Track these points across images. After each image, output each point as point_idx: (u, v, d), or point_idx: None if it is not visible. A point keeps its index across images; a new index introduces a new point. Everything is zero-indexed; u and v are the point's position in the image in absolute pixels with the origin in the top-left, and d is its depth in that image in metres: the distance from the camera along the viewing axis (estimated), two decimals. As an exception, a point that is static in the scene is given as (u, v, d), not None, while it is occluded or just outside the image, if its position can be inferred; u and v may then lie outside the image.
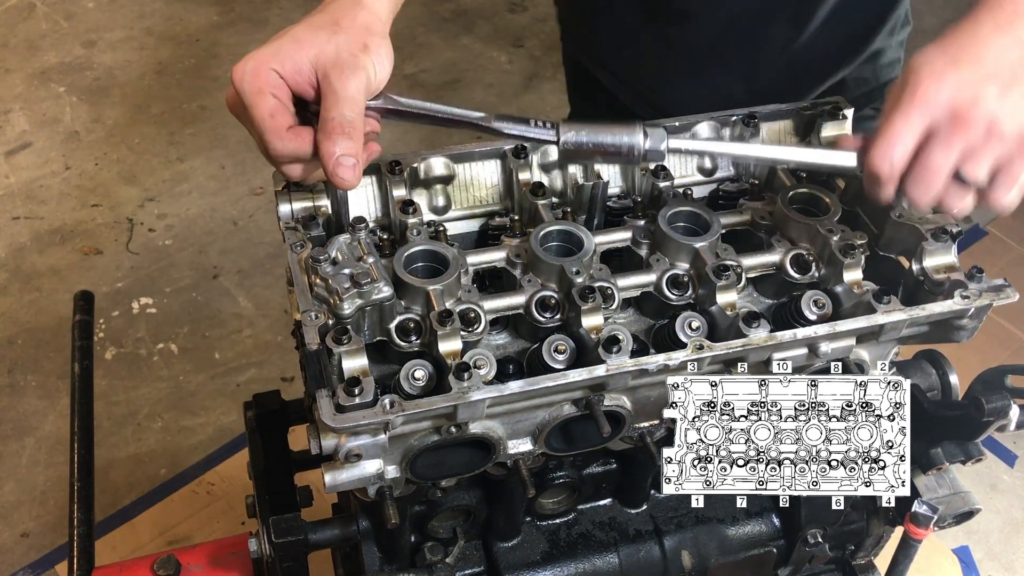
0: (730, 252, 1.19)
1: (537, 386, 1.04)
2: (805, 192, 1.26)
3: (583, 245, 1.18)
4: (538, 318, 1.14)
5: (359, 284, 1.07)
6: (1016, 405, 1.17)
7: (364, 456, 1.05)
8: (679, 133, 1.35)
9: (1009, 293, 1.12)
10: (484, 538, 1.36)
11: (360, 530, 1.27)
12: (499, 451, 1.15)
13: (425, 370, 1.08)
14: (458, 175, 1.30)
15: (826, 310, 1.16)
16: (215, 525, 2.67)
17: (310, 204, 1.22)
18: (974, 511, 1.29)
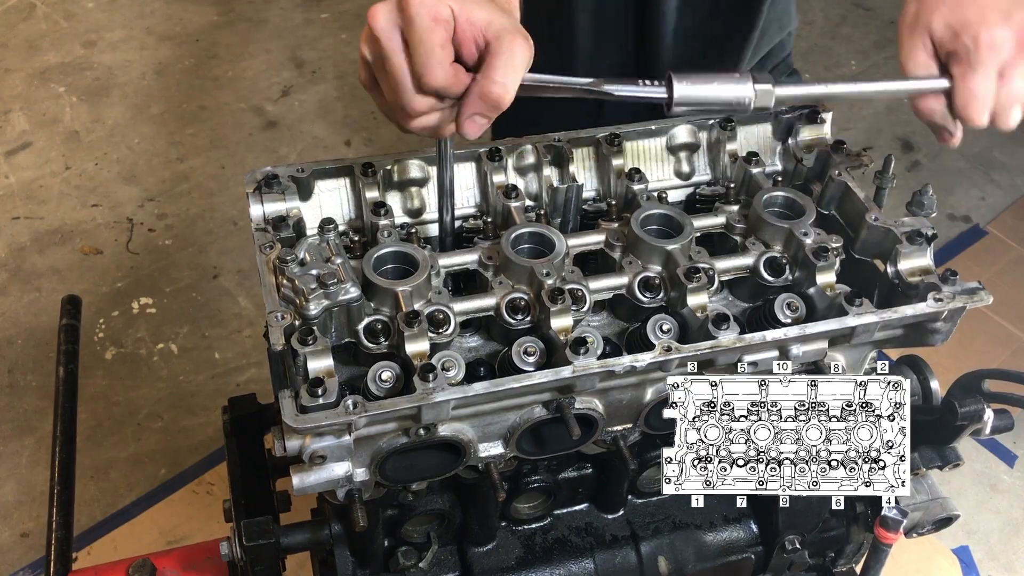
0: (703, 255, 1.18)
1: (502, 387, 1.03)
2: (781, 195, 1.25)
3: (554, 247, 1.17)
4: (508, 320, 1.14)
5: (325, 285, 1.06)
6: (990, 409, 1.15)
7: (329, 458, 1.04)
8: (656, 136, 1.35)
9: (983, 296, 1.11)
10: (459, 543, 1.36)
11: (332, 534, 1.27)
12: (469, 454, 1.14)
13: (392, 371, 1.08)
14: (432, 177, 1.29)
15: (799, 313, 1.15)
16: (215, 525, 2.67)
17: (282, 206, 1.22)
18: (952, 517, 1.27)
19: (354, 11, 4.45)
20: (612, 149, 1.30)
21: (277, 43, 4.34)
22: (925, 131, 1.25)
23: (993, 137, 4.09)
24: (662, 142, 1.35)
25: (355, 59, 1.09)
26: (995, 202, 3.76)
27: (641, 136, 1.34)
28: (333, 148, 3.79)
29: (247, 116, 3.88)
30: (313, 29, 4.42)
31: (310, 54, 4.27)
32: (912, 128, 4.02)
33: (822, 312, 1.15)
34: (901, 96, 1.22)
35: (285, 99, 4.03)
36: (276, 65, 4.22)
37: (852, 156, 1.29)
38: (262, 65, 4.21)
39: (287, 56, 4.27)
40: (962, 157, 3.96)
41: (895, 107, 4.13)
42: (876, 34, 4.48)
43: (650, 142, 1.35)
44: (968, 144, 3.99)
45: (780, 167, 1.37)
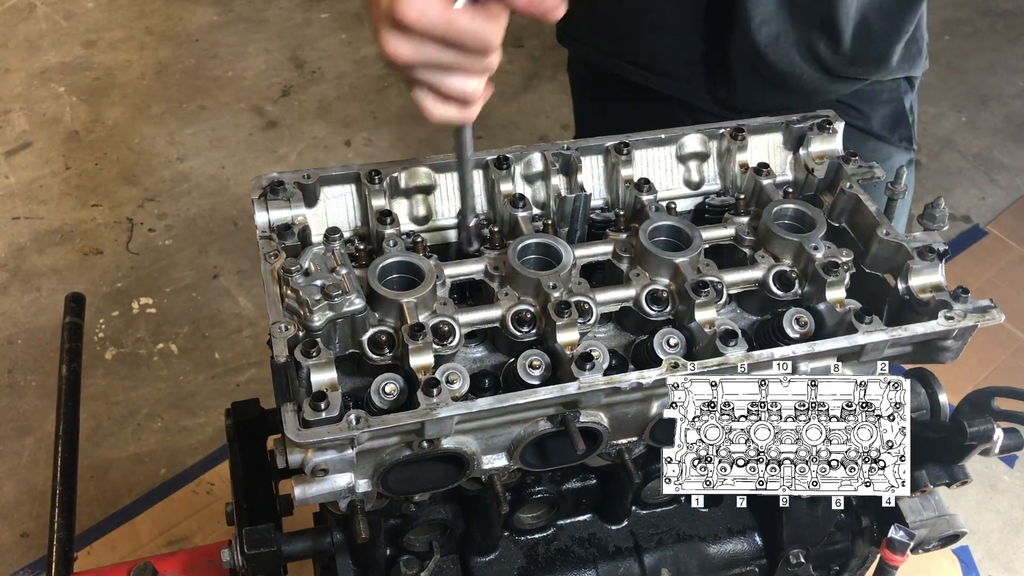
0: (712, 268, 1.17)
1: (506, 403, 1.02)
2: (791, 208, 1.24)
3: (561, 258, 1.16)
4: (514, 332, 1.12)
5: (330, 296, 1.05)
6: (1000, 428, 1.14)
7: (331, 471, 1.03)
8: (666, 144, 1.34)
9: (995, 315, 1.10)
10: (461, 552, 1.35)
11: (334, 543, 1.26)
12: (473, 466, 1.13)
13: (396, 384, 1.07)
14: (440, 185, 1.28)
15: (808, 328, 1.14)
16: (215, 525, 2.67)
17: (287, 213, 1.21)
18: (959, 534, 1.26)
19: (354, 11, 4.45)
20: (621, 158, 1.29)
21: (277, 43, 4.33)
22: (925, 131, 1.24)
23: (993, 137, 4.09)
24: (672, 151, 1.34)
25: (355, 59, 1.08)
26: (995, 202, 3.76)
27: (651, 145, 1.33)
28: (333, 148, 3.78)
29: (247, 116, 3.87)
30: (313, 29, 4.41)
31: (310, 54, 4.27)
32: (912, 129, 4.02)
33: (831, 328, 1.14)
34: None
35: (285, 99, 4.03)
36: (276, 65, 4.21)
37: (864, 168, 1.28)
38: (262, 65, 4.21)
39: (287, 56, 4.26)
40: (962, 157, 3.96)
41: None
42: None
43: (660, 151, 1.34)
44: (968, 144, 4.01)
45: (791, 178, 1.36)
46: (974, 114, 4.21)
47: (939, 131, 4.07)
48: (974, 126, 4.15)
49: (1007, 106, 4.28)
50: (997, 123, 4.19)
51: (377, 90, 4.08)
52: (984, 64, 4.47)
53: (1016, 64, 4.51)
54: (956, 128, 4.12)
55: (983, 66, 4.46)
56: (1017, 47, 4.61)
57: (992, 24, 4.71)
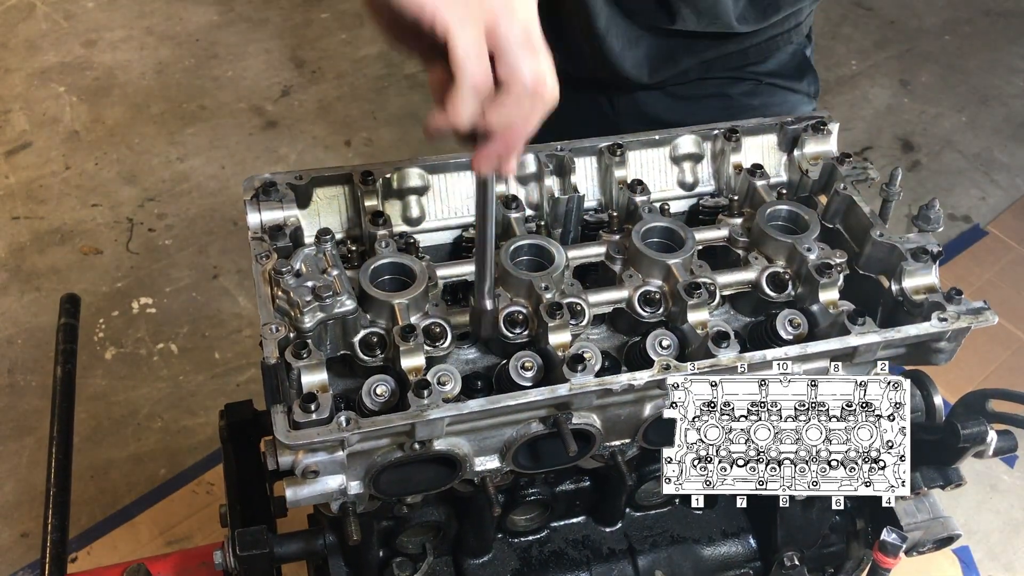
0: (705, 269, 1.17)
1: (497, 405, 1.02)
2: (784, 209, 1.24)
3: (554, 259, 1.16)
4: (506, 334, 1.12)
5: (321, 297, 1.05)
6: (994, 431, 1.14)
7: (322, 472, 1.03)
8: (660, 146, 1.33)
9: (988, 316, 1.09)
10: (454, 554, 1.34)
11: (327, 544, 1.25)
12: (465, 468, 1.13)
13: (387, 385, 1.06)
14: (433, 186, 1.28)
15: (801, 330, 1.14)
16: (215, 525, 2.65)
17: (279, 214, 1.20)
18: (954, 536, 1.26)
19: (354, 11, 4.44)
20: (615, 159, 1.29)
21: (277, 43, 4.33)
22: (925, 131, 1.23)
23: (993, 137, 4.08)
24: (665, 152, 1.34)
25: (355, 59, 1.07)
26: (995, 202, 3.75)
27: (644, 146, 1.33)
28: (333, 148, 3.78)
29: (247, 116, 3.87)
30: (313, 29, 4.41)
31: (310, 54, 4.26)
32: (912, 128, 4.01)
33: (824, 329, 1.14)
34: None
35: (285, 99, 4.02)
36: (276, 65, 4.21)
37: (858, 169, 1.27)
38: (262, 65, 4.20)
39: (287, 56, 4.26)
40: (962, 157, 3.95)
41: (895, 107, 4.12)
42: (876, 34, 4.46)
43: (653, 152, 1.34)
44: (968, 144, 4.00)
45: (785, 179, 1.36)
46: (974, 114, 4.20)
47: (939, 131, 4.06)
48: (974, 126, 4.14)
49: (1007, 106, 4.27)
50: (997, 123, 4.18)
51: (377, 90, 4.07)
52: (984, 64, 4.46)
53: (1016, 64, 4.50)
54: (956, 128, 4.11)
55: (983, 66, 4.45)
56: (1017, 47, 4.60)
57: (992, 24, 4.70)
